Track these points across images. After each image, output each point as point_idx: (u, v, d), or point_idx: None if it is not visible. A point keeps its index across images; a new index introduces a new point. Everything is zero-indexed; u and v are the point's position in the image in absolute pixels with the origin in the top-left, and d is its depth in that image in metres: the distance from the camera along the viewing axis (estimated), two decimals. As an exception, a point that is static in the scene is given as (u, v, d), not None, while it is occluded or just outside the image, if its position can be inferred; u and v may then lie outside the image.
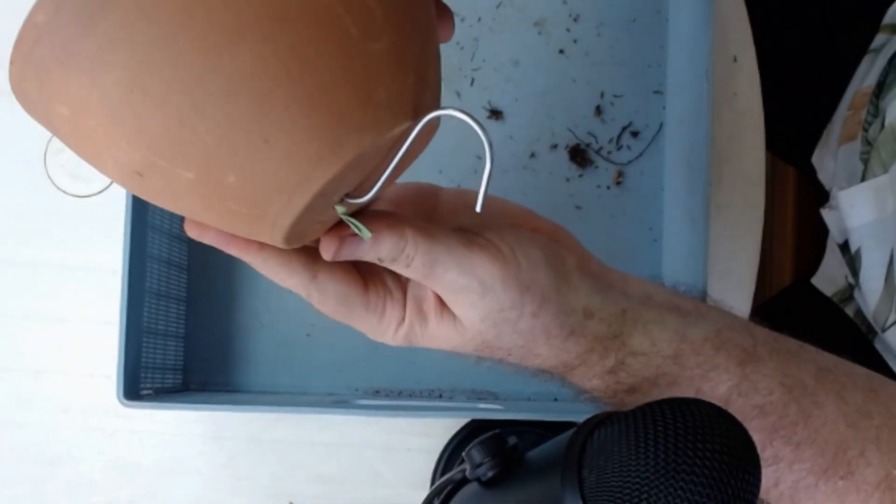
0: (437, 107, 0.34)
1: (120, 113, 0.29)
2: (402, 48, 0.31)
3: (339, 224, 0.38)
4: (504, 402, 0.66)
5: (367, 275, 0.42)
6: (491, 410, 0.62)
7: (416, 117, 0.32)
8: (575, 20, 0.71)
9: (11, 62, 0.30)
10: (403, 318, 0.42)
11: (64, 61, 0.28)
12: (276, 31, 0.28)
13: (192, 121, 0.28)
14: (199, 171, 0.30)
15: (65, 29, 0.28)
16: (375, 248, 0.38)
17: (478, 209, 0.35)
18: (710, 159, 0.61)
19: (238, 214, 0.32)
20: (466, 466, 0.40)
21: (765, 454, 0.41)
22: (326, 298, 0.41)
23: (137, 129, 0.29)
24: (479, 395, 0.67)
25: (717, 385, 0.41)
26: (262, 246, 0.38)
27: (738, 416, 0.40)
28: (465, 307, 0.40)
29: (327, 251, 0.38)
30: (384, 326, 0.42)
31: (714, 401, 0.40)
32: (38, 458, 0.71)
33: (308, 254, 0.40)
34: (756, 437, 0.40)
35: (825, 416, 0.41)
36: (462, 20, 0.70)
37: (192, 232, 0.38)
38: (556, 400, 0.67)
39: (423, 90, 0.33)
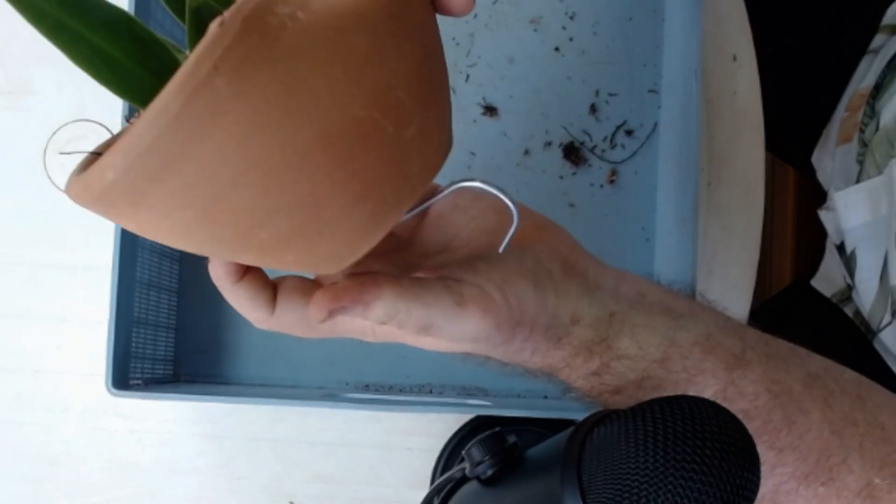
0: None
1: (190, 233, 0.32)
2: (429, 122, 0.33)
3: (335, 285, 0.38)
4: (493, 398, 0.66)
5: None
6: (480, 406, 0.62)
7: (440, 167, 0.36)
8: (571, 18, 0.71)
9: (71, 191, 0.33)
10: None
11: (135, 203, 0.30)
12: (326, 156, 0.30)
13: (256, 231, 0.32)
14: (258, 256, 0.34)
15: (136, 183, 0.29)
16: (366, 313, 0.37)
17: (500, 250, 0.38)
18: (700, 159, 0.61)
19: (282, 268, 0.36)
20: (466, 465, 0.40)
21: None
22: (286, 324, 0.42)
23: (208, 237, 0.32)
24: (469, 392, 0.68)
25: (703, 389, 0.41)
26: (243, 276, 0.40)
27: None
28: (455, 346, 0.41)
29: (320, 310, 0.37)
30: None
31: None
32: (37, 458, 0.71)
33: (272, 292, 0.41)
34: None
35: (810, 423, 0.41)
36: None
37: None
38: (545, 397, 0.67)
39: (445, 142, 0.36)
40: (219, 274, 0.39)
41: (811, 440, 0.41)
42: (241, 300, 0.40)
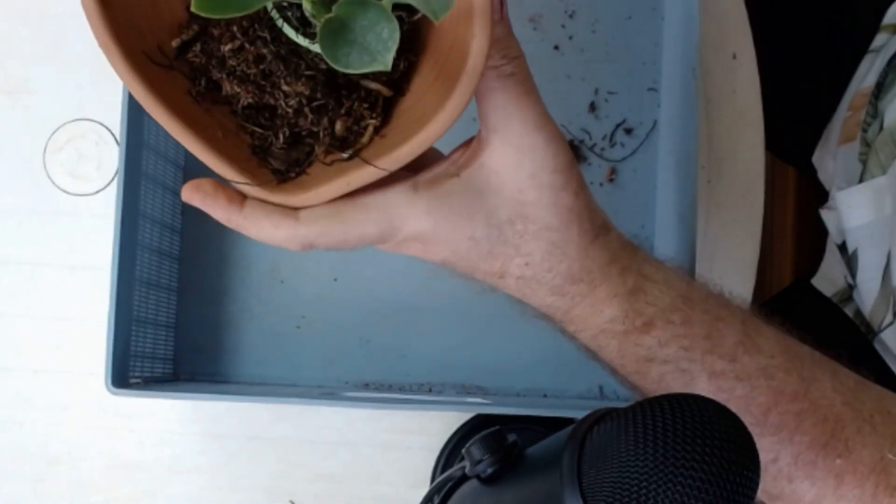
0: None
1: None
2: None
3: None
4: (493, 396, 0.66)
5: None
6: (479, 405, 0.62)
7: None
8: (570, 16, 0.71)
9: None
10: (416, 187, 0.40)
11: None
12: None
13: None
14: None
15: None
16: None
17: None
18: (697, 157, 0.60)
19: None
20: (466, 463, 0.40)
21: (769, 420, 0.40)
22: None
23: None
24: (469, 390, 0.68)
25: (725, 337, 0.41)
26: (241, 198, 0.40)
27: (744, 374, 0.41)
28: (520, 154, 0.39)
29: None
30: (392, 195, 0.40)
31: (722, 353, 0.41)
32: (37, 457, 0.71)
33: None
34: (761, 400, 0.40)
35: (823, 390, 0.41)
36: (459, 16, 0.70)
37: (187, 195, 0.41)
38: (545, 395, 0.67)
39: None
40: (223, 206, 0.39)
41: (826, 407, 0.40)
42: (259, 222, 0.39)
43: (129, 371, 0.62)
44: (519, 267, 0.40)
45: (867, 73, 0.82)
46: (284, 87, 0.38)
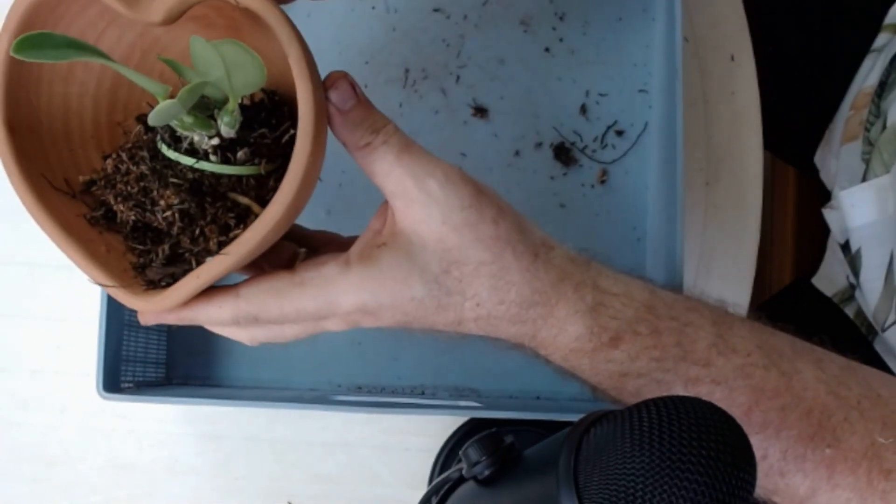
0: None
1: None
2: None
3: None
4: (485, 399, 0.66)
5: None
6: (471, 408, 0.62)
7: None
8: (561, 19, 0.71)
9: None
10: (348, 262, 0.41)
11: None
12: None
13: None
14: None
15: None
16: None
17: None
18: (682, 159, 0.59)
19: None
20: (463, 465, 0.40)
21: (752, 419, 0.40)
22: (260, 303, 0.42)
23: None
24: (462, 393, 0.68)
25: (696, 341, 0.41)
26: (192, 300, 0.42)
27: (720, 377, 0.40)
28: (425, 206, 0.40)
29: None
30: (328, 286, 0.41)
31: (695, 359, 0.40)
32: (35, 458, 0.71)
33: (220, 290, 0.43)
34: (742, 401, 0.40)
35: (805, 382, 0.41)
36: (448, 17, 0.70)
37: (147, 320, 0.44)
38: (538, 398, 0.67)
39: None
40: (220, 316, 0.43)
41: (811, 399, 0.40)
42: (205, 308, 0.43)
43: (120, 375, 0.62)
44: (472, 309, 0.41)
45: (870, 73, 0.82)
46: (160, 202, 0.41)
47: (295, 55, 0.39)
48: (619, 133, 0.70)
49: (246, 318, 0.42)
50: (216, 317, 0.42)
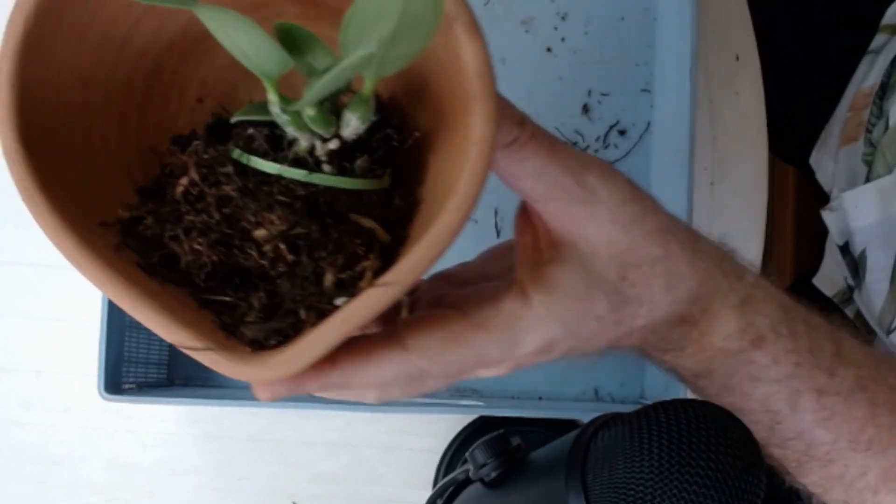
0: None
1: None
2: None
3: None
4: (487, 398, 0.66)
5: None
6: (473, 407, 0.62)
7: None
8: (563, 18, 0.71)
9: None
10: (524, 291, 0.32)
11: None
12: None
13: None
14: None
15: None
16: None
17: None
18: (692, 160, 0.60)
19: None
20: (470, 467, 0.40)
21: (864, 435, 0.37)
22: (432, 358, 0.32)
23: None
24: (463, 393, 0.67)
25: (824, 348, 0.37)
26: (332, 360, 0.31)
27: (842, 389, 0.36)
28: (589, 205, 0.33)
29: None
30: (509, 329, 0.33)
31: (824, 368, 0.36)
32: (38, 458, 0.71)
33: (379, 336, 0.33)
34: (858, 415, 0.37)
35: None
36: (450, 17, 0.70)
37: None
38: (540, 399, 0.67)
39: None
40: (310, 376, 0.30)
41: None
42: (361, 370, 0.31)
43: (122, 376, 0.62)
44: (643, 317, 0.34)
45: (868, 74, 0.82)
46: (256, 233, 0.30)
47: (478, 58, 0.30)
48: (622, 133, 0.69)
49: (412, 375, 0.32)
50: (374, 377, 0.32)
